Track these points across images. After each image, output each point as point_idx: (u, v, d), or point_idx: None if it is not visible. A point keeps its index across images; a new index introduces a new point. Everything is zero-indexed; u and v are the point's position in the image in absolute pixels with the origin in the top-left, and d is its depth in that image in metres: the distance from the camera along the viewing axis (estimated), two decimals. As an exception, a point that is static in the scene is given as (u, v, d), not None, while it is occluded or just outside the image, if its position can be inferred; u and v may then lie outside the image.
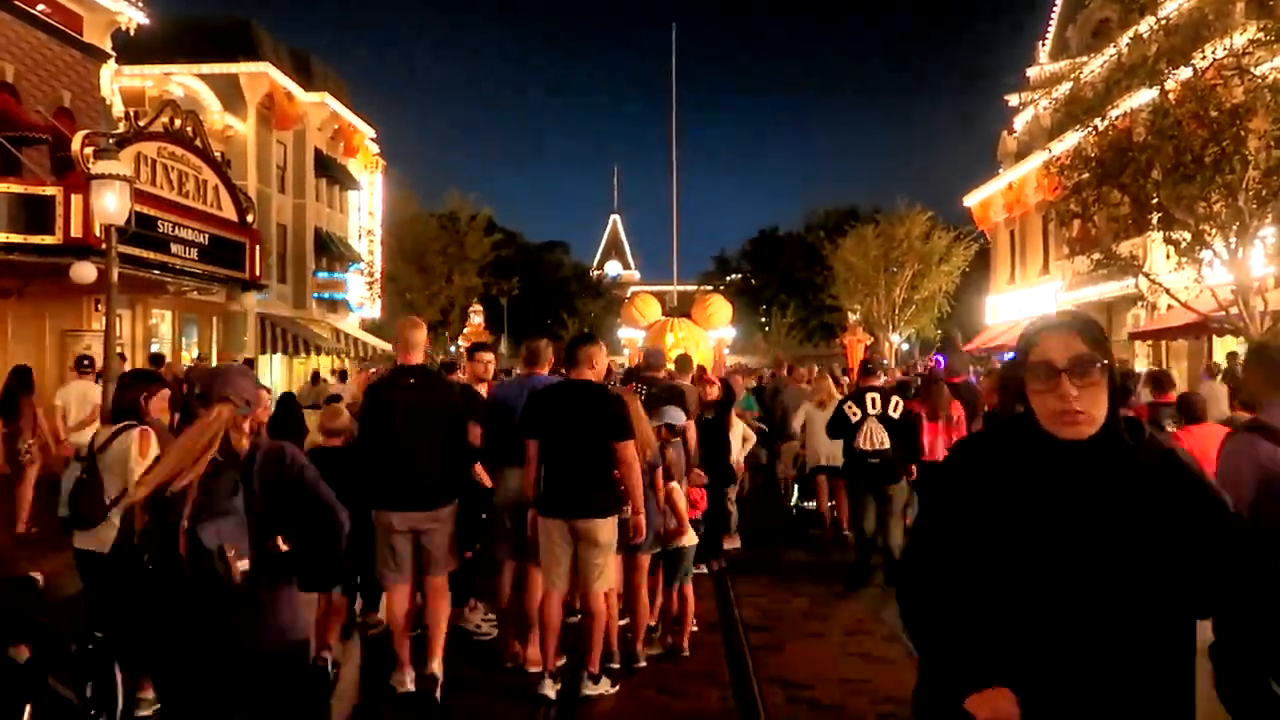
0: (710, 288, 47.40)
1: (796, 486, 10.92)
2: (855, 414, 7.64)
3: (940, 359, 18.44)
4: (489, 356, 6.93)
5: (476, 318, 35.86)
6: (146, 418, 4.68)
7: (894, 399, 7.80)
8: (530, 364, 6.05)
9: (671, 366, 9.13)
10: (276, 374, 25.98)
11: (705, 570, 7.46)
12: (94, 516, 4.51)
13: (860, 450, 7.52)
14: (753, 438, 9.67)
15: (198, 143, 16.43)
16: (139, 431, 4.58)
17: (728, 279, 58.65)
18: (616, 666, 5.52)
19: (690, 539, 5.98)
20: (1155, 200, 11.38)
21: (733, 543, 8.96)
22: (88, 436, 4.89)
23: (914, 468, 7.75)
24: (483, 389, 6.42)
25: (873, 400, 7.67)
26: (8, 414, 9.48)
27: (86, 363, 10.54)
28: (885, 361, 26.53)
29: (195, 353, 22.21)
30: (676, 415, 6.19)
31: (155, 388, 4.88)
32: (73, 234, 13.49)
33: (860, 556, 7.62)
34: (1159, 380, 7.79)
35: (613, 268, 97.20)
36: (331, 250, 32.16)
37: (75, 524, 4.65)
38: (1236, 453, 3.09)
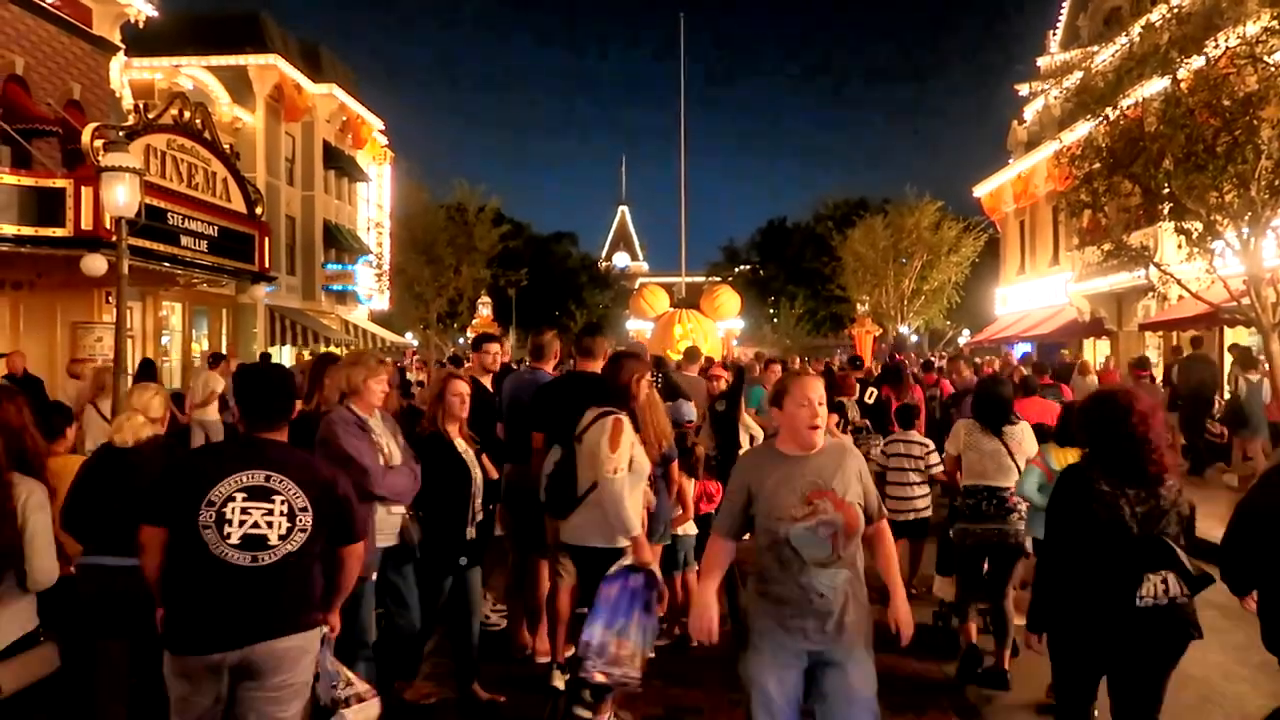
0: (718, 279, 47.38)
1: None
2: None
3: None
4: (495, 348, 6.88)
5: (485, 309, 35.84)
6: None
7: (870, 389, 10.03)
8: (535, 359, 6.05)
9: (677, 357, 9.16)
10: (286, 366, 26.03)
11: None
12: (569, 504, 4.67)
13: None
14: (759, 434, 9.68)
15: (206, 135, 16.46)
16: (613, 420, 4.55)
17: (736, 270, 58.59)
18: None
19: (689, 529, 5.97)
20: (1166, 190, 11.29)
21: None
22: (211, 416, 4.96)
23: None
24: (486, 380, 6.40)
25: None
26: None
27: (216, 359, 14.08)
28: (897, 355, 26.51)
29: (205, 345, 22.29)
30: (689, 410, 6.22)
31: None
32: (83, 226, 13.54)
33: None
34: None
35: (621, 259, 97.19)
36: (340, 242, 32.21)
37: (553, 512, 4.87)
38: None
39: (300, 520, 3.02)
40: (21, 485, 3.34)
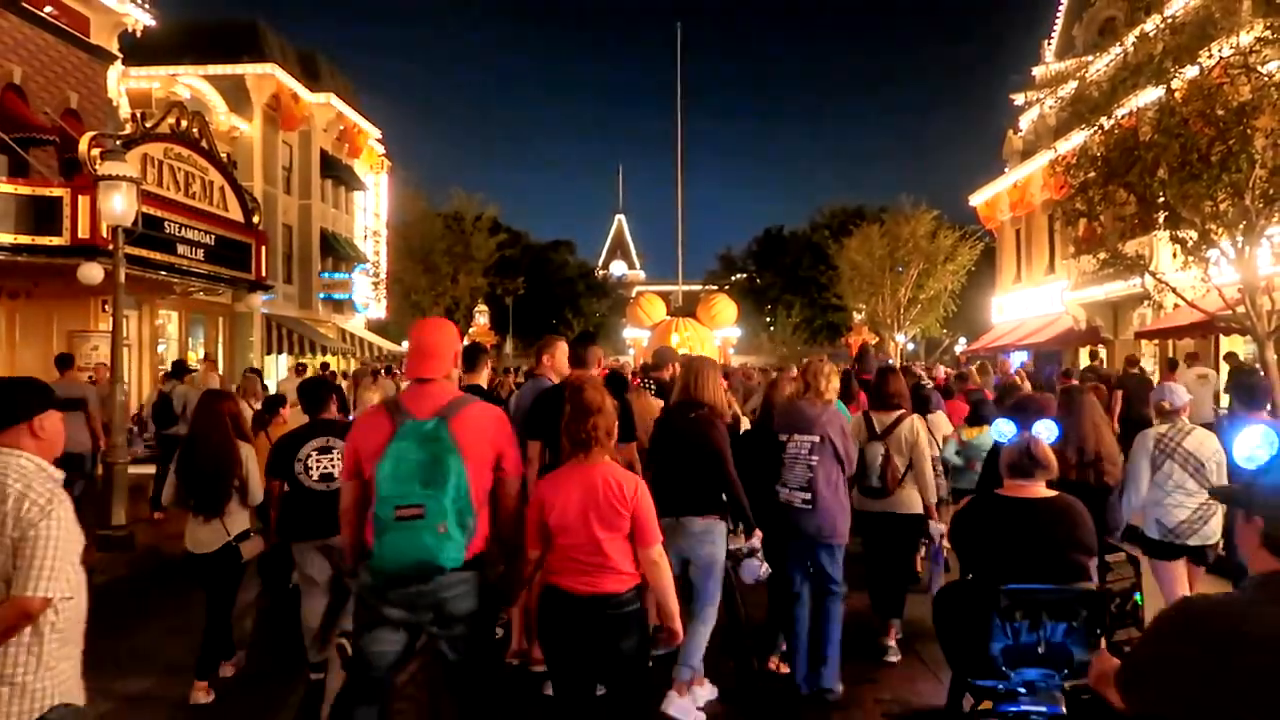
0: (715, 287, 47.43)
1: None
2: None
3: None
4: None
5: (482, 318, 35.89)
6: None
7: None
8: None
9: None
10: (282, 375, 26.00)
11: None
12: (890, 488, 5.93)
13: None
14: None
15: (204, 144, 16.49)
16: (916, 417, 6.18)
17: (733, 278, 58.61)
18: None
19: None
20: (1161, 199, 11.34)
21: (736, 542, 8.98)
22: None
23: None
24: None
25: None
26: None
27: (301, 368, 15.62)
28: (890, 360, 26.52)
29: (201, 353, 22.26)
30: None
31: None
32: (80, 235, 13.56)
33: None
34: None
35: (618, 267, 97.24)
36: (337, 251, 32.22)
37: (873, 494, 5.97)
38: None
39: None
40: (243, 447, 5.49)
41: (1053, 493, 3.77)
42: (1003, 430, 5.51)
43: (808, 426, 5.29)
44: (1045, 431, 4.97)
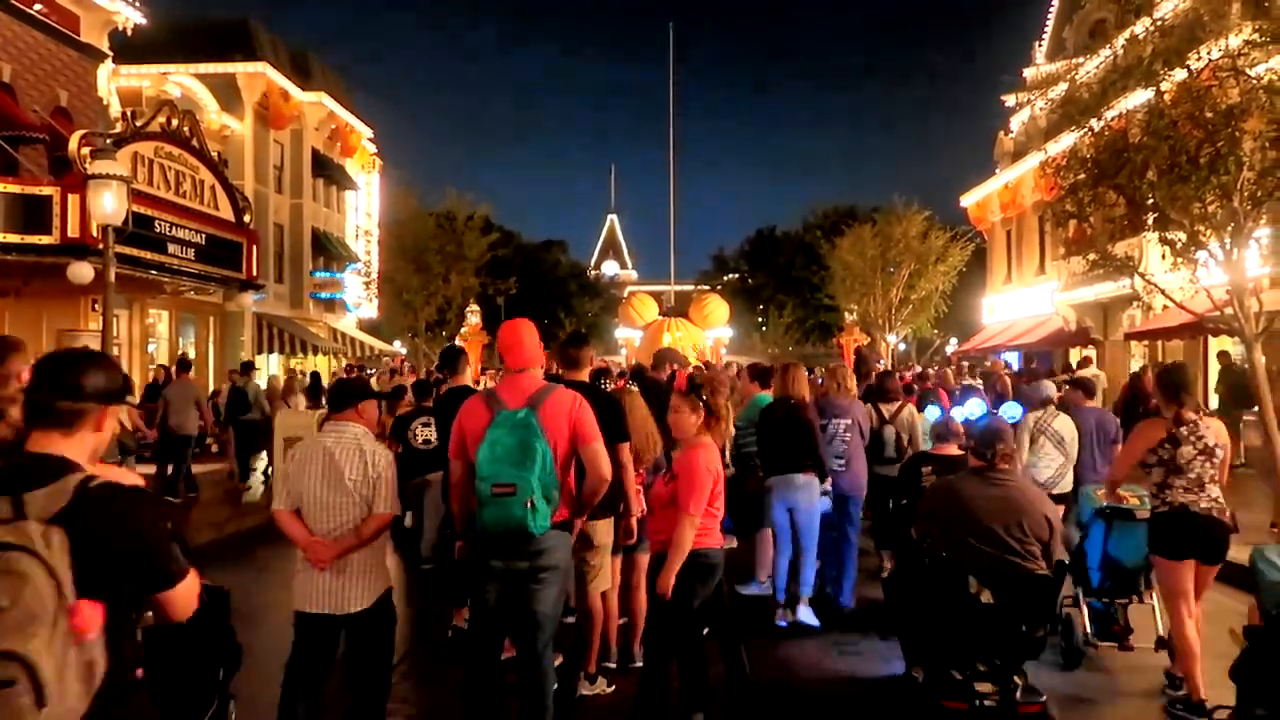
0: (707, 287, 47.45)
1: None
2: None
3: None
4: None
5: (474, 317, 35.76)
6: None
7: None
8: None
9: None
10: (274, 371, 25.95)
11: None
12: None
13: None
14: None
15: (194, 142, 16.44)
16: (911, 405, 8.38)
17: (725, 278, 58.60)
18: (613, 666, 5.56)
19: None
20: (1151, 201, 11.38)
21: (729, 543, 9.06)
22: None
23: None
24: None
25: None
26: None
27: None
28: (881, 361, 26.58)
29: (192, 353, 22.19)
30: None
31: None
32: (70, 234, 13.50)
33: None
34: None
35: (610, 267, 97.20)
36: (329, 250, 32.14)
37: (886, 463, 7.68)
38: None
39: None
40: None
41: (960, 452, 5.88)
42: (973, 410, 7.91)
43: (843, 413, 7.24)
44: (1008, 411, 7.80)
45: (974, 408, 7.82)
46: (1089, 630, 5.84)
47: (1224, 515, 5.03)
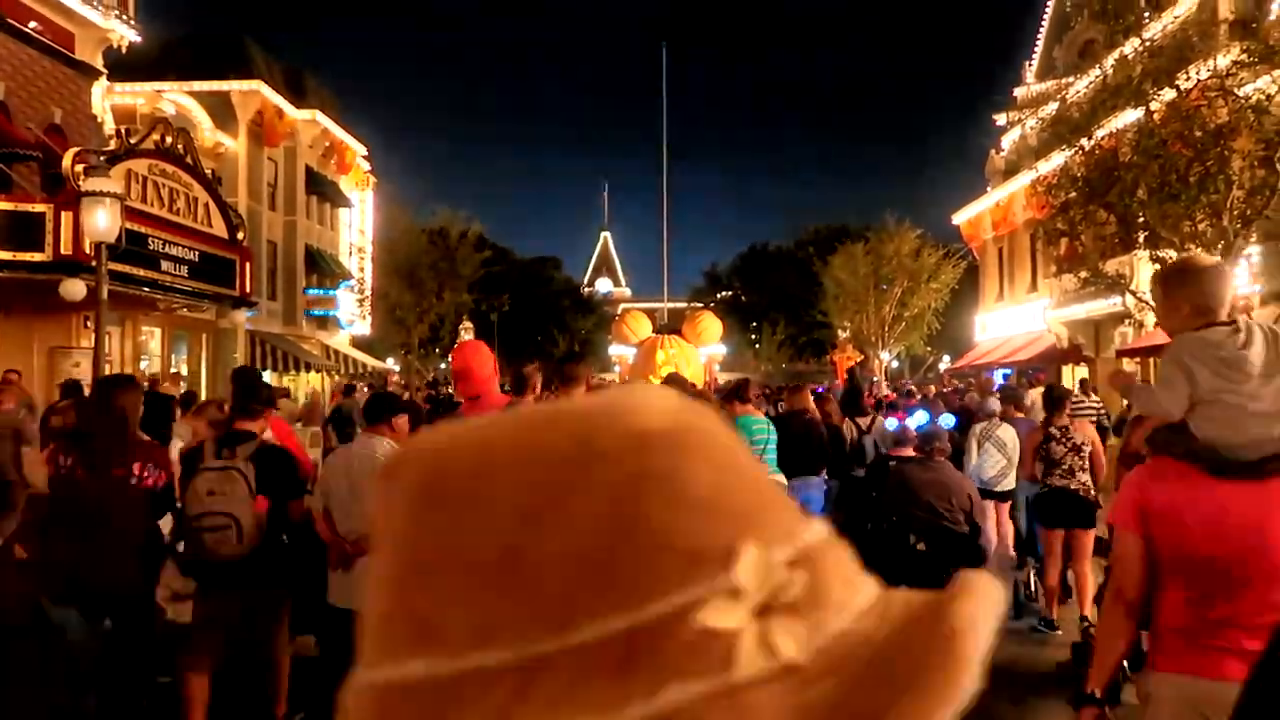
0: (701, 304, 47.52)
1: None
2: None
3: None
4: None
5: (467, 334, 35.78)
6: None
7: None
8: (516, 393, 5.98)
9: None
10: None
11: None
12: None
13: None
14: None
15: (189, 160, 16.45)
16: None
17: (718, 295, 58.74)
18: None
19: None
20: (1141, 219, 11.48)
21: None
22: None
23: None
24: None
25: None
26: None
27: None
28: (875, 378, 26.64)
29: (185, 370, 22.13)
30: None
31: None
32: (63, 251, 13.48)
33: None
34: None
35: (603, 284, 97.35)
36: (322, 267, 32.11)
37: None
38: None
39: None
40: None
41: (914, 453, 6.51)
42: (920, 420, 8.90)
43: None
44: (945, 422, 8.93)
45: (920, 417, 9.16)
46: (1031, 589, 7.58)
47: (1089, 495, 6.66)
